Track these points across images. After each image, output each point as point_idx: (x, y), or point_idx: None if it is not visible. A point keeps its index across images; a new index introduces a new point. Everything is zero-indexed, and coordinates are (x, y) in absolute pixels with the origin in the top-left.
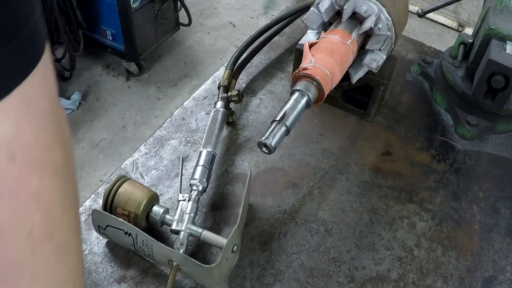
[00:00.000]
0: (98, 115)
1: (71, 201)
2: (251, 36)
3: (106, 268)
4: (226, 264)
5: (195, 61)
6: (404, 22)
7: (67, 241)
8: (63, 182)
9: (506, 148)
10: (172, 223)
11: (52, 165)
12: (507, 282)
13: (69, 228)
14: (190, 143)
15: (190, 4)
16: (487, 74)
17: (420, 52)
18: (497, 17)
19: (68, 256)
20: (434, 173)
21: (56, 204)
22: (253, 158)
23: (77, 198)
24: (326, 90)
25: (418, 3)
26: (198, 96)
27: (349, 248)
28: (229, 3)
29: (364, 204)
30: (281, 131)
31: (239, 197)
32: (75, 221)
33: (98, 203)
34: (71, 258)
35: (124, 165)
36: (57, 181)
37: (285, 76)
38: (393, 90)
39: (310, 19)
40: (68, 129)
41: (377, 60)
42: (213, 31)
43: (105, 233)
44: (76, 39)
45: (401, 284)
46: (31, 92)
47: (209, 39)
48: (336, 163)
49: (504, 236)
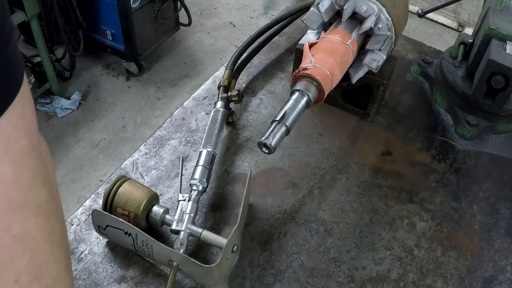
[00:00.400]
0: (98, 115)
1: (59, 238)
2: (251, 36)
3: (106, 268)
4: (226, 264)
5: (195, 61)
6: (404, 22)
7: (56, 281)
8: (48, 221)
9: (506, 148)
10: (172, 223)
11: (35, 205)
12: (507, 282)
13: (57, 268)
14: (190, 143)
15: (190, 4)
16: (487, 74)
17: (420, 52)
18: (497, 17)
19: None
20: (434, 173)
21: (42, 245)
22: (253, 158)
23: (65, 234)
24: (326, 90)
25: (418, 3)
26: (198, 96)
27: (349, 248)
28: (229, 3)
29: (364, 204)
30: (281, 131)
31: (239, 197)
32: (65, 259)
33: (98, 203)
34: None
35: (124, 165)
36: (41, 220)
37: (285, 76)
38: (393, 90)
39: (310, 19)
40: (51, 162)
41: (377, 60)
42: (213, 31)
43: (105, 233)
44: (76, 39)
45: (401, 284)
46: (9, 129)
47: (209, 39)
48: (336, 163)
49: (504, 236)
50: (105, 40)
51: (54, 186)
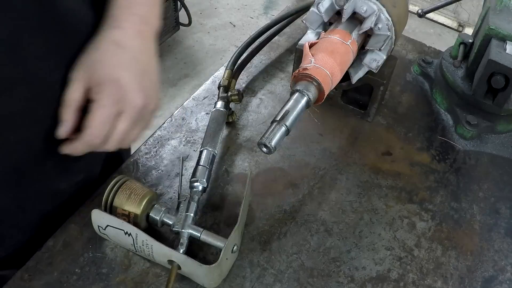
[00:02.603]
0: None
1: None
2: (251, 36)
3: (106, 268)
4: (226, 264)
5: (195, 61)
6: (404, 22)
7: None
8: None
9: (506, 148)
10: (172, 223)
11: None
12: (507, 282)
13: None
14: (190, 143)
15: (190, 4)
16: (487, 74)
17: (420, 52)
18: (497, 17)
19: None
20: (434, 173)
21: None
22: (253, 158)
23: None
24: (326, 90)
25: (418, 3)
26: (198, 96)
27: (349, 248)
28: (229, 3)
29: (364, 204)
30: (281, 131)
31: (239, 197)
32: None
33: (98, 203)
34: None
35: (124, 165)
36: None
37: (285, 76)
38: (393, 90)
39: (310, 19)
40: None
41: (377, 60)
42: (213, 31)
43: (105, 233)
44: None
45: (401, 284)
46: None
47: (209, 39)
48: (336, 163)
49: (504, 236)
50: None
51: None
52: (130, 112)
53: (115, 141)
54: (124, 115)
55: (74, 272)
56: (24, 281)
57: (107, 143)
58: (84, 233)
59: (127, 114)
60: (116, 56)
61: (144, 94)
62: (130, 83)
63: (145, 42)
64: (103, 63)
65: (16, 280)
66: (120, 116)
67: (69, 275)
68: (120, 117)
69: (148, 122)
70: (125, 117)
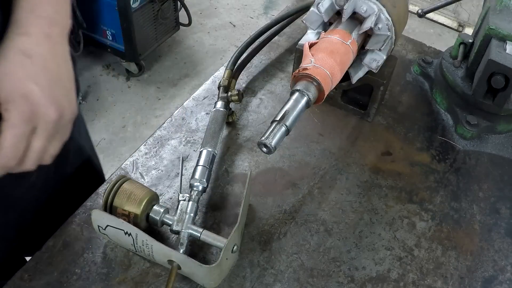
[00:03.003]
0: (98, 115)
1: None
2: (251, 36)
3: (106, 268)
4: (226, 264)
5: (195, 61)
6: (404, 22)
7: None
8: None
9: (506, 148)
10: (172, 223)
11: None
12: (507, 282)
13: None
14: (190, 143)
15: (190, 4)
16: (487, 74)
17: (420, 52)
18: (497, 17)
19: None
20: (434, 173)
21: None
22: (253, 158)
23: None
24: (326, 90)
25: (418, 3)
26: (198, 96)
27: (349, 248)
28: (229, 3)
29: (364, 204)
30: (281, 131)
31: (239, 197)
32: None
33: (98, 203)
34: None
35: (124, 165)
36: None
37: (285, 76)
38: (393, 90)
39: (310, 19)
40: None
41: (377, 60)
42: (213, 31)
43: (105, 233)
44: (76, 39)
45: (401, 284)
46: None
47: (209, 39)
48: (336, 163)
49: (504, 236)
50: (105, 40)
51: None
52: (44, 128)
53: (32, 160)
54: (38, 132)
55: (74, 272)
56: (24, 281)
57: (23, 163)
58: (84, 233)
59: (42, 130)
60: (23, 67)
61: (57, 105)
62: (40, 97)
63: (54, 47)
64: (10, 76)
65: (16, 280)
66: (35, 133)
67: (69, 275)
68: (35, 134)
69: (66, 132)
70: (39, 133)
